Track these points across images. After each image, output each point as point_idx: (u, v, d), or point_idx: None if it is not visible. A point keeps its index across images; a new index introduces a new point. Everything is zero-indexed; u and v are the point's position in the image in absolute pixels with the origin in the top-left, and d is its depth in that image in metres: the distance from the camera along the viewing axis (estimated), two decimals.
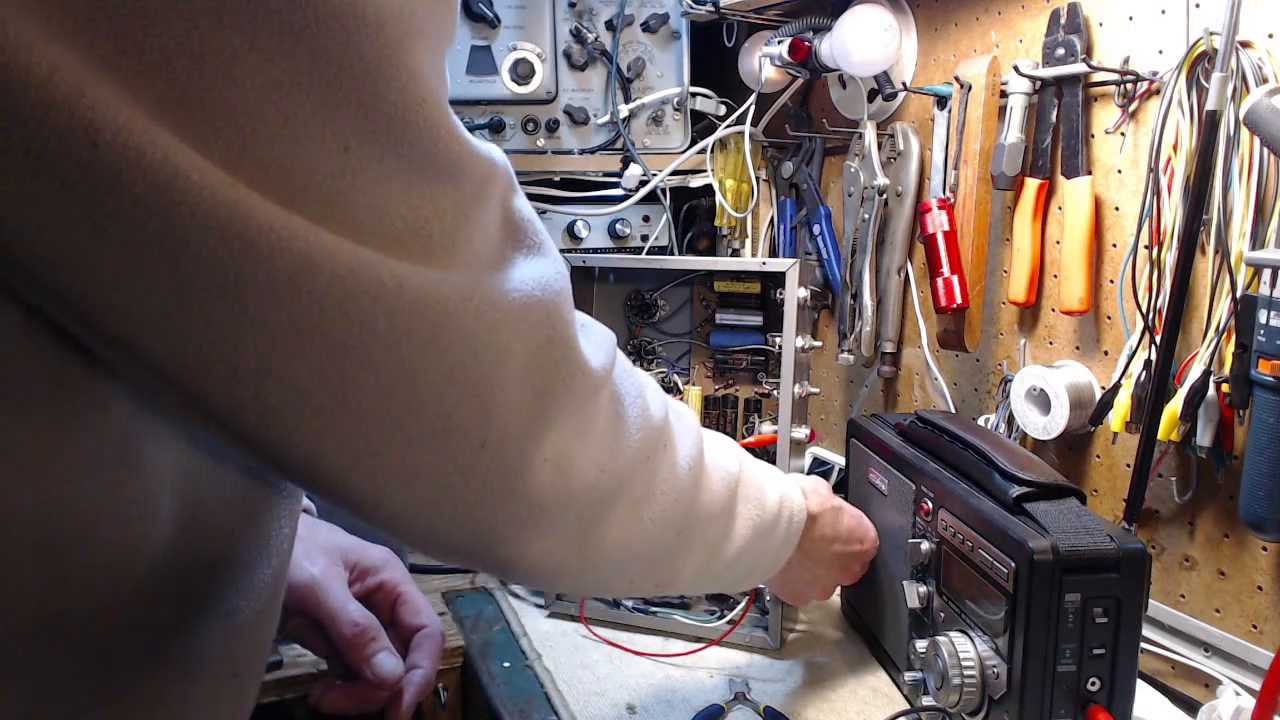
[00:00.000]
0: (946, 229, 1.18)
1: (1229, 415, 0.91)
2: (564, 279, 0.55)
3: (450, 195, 0.47)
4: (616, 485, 0.59)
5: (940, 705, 0.86)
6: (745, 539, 0.76)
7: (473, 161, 0.49)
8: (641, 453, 0.61)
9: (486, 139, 1.45)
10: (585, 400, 0.56)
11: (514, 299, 0.50)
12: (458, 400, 0.48)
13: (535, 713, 0.98)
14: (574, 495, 0.56)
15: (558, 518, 0.56)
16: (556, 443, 0.54)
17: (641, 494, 0.62)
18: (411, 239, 0.45)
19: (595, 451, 0.57)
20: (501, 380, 0.50)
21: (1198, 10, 0.94)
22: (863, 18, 1.25)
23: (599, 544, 0.60)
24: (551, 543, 0.57)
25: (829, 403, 1.56)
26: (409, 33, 0.43)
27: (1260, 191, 0.89)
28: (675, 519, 0.66)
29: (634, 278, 1.24)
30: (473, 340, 0.48)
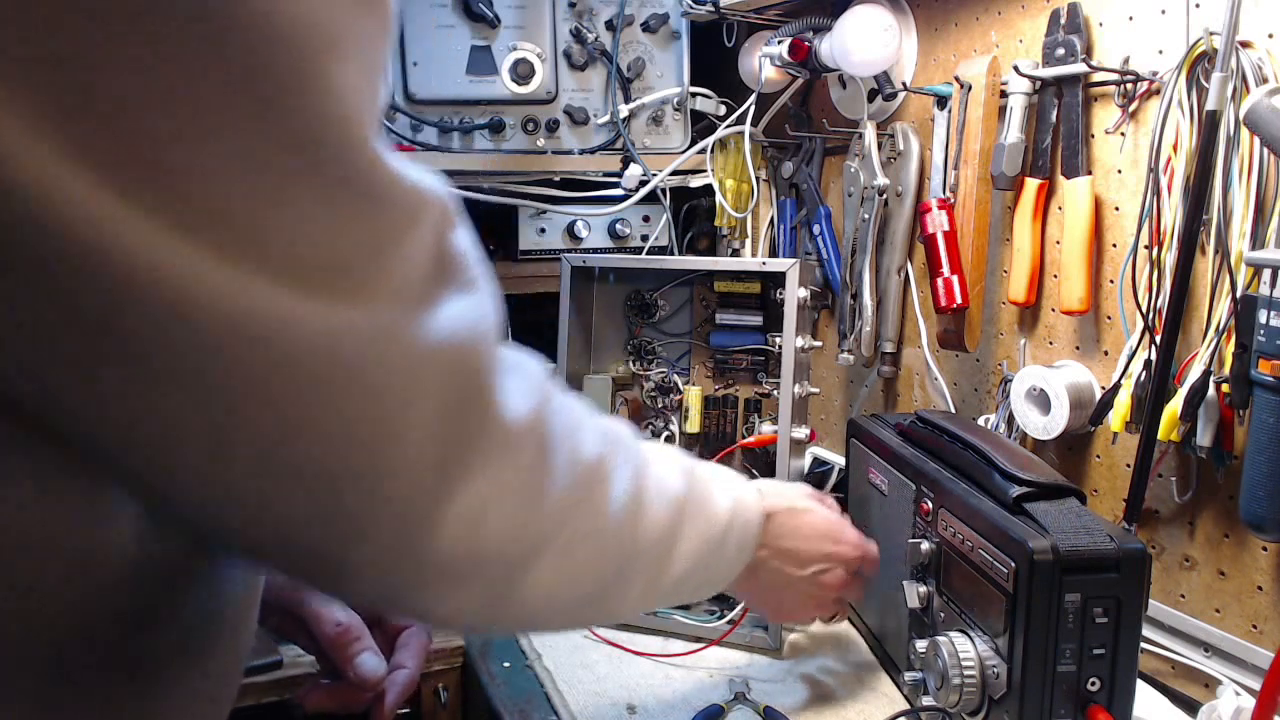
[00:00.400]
0: (946, 229, 1.18)
1: (1229, 415, 0.91)
2: (491, 322, 0.52)
3: (371, 225, 0.45)
4: (540, 538, 0.55)
5: (940, 705, 0.86)
6: (693, 558, 0.72)
7: (398, 190, 0.46)
8: (571, 498, 0.57)
9: (486, 139, 1.45)
10: (503, 454, 0.52)
11: (427, 346, 0.47)
12: (353, 455, 0.45)
13: (535, 713, 0.98)
14: (488, 554, 0.52)
15: (469, 576, 0.52)
16: (468, 501, 0.50)
17: (571, 540, 0.58)
18: (325, 269, 0.43)
19: (514, 506, 0.53)
20: (404, 435, 0.46)
21: (1198, 10, 0.94)
22: (863, 18, 1.25)
23: (522, 597, 0.57)
24: (463, 600, 0.53)
25: (829, 403, 1.56)
26: (326, 48, 0.41)
27: (1260, 191, 0.89)
28: (612, 557, 0.63)
29: (634, 278, 1.24)
30: (373, 392, 0.45)
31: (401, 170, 0.47)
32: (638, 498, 0.65)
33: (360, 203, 0.44)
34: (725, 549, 0.78)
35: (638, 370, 1.24)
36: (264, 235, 0.41)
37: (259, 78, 0.39)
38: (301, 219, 0.42)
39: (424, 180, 0.49)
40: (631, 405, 1.22)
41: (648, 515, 0.66)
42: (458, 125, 1.43)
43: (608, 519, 0.62)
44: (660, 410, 1.22)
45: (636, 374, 1.24)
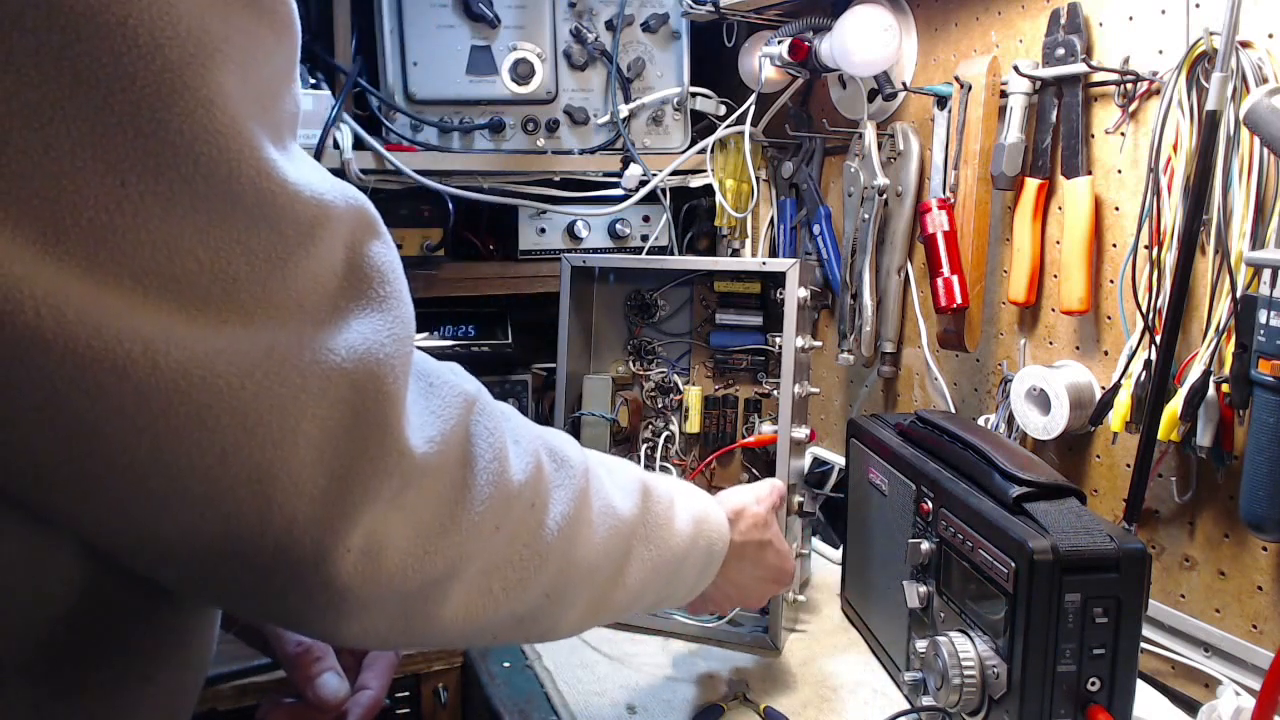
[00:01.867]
0: (946, 229, 1.18)
1: (1229, 415, 0.91)
2: (397, 342, 0.49)
3: (261, 239, 0.43)
4: (450, 565, 0.53)
5: (940, 705, 0.86)
6: (642, 582, 0.70)
7: (295, 202, 0.44)
8: (489, 523, 0.55)
9: (486, 139, 1.45)
10: (406, 483, 0.49)
11: (321, 369, 0.45)
12: (232, 486, 0.43)
13: (535, 713, 0.98)
14: (391, 582, 0.50)
15: (370, 603, 0.50)
16: (367, 531, 0.48)
17: (488, 568, 0.56)
18: (209, 285, 0.41)
19: (419, 535, 0.51)
20: (286, 464, 0.44)
21: (1198, 10, 0.94)
22: (863, 18, 1.25)
23: (433, 621, 0.54)
24: (371, 624, 0.51)
25: (829, 403, 1.56)
26: (201, 56, 0.39)
27: (1260, 191, 0.89)
28: (540, 583, 0.60)
29: (634, 278, 1.24)
30: (250, 420, 0.43)
31: (302, 181, 0.45)
32: (575, 523, 0.62)
33: (246, 216, 0.42)
34: (683, 573, 0.76)
35: (638, 370, 1.24)
36: (139, 250, 0.39)
37: (121, 89, 0.38)
38: (180, 234, 0.40)
39: (334, 190, 0.47)
40: (631, 405, 1.22)
41: (586, 541, 0.64)
42: (458, 125, 1.43)
43: (536, 544, 0.59)
44: (660, 410, 1.22)
45: (636, 374, 1.24)
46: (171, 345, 0.40)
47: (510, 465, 0.57)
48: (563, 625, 0.66)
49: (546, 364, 1.59)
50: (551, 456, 0.62)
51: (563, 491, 0.62)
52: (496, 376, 1.59)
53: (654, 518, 0.71)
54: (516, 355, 1.59)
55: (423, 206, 1.43)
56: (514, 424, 0.60)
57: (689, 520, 0.76)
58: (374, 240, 0.49)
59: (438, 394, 0.53)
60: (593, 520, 0.64)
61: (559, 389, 1.21)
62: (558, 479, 0.62)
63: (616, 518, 0.67)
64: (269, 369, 0.43)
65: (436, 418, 0.52)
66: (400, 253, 0.53)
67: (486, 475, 0.54)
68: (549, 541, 0.60)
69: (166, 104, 0.39)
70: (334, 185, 0.47)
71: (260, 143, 0.43)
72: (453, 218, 1.43)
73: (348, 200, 0.48)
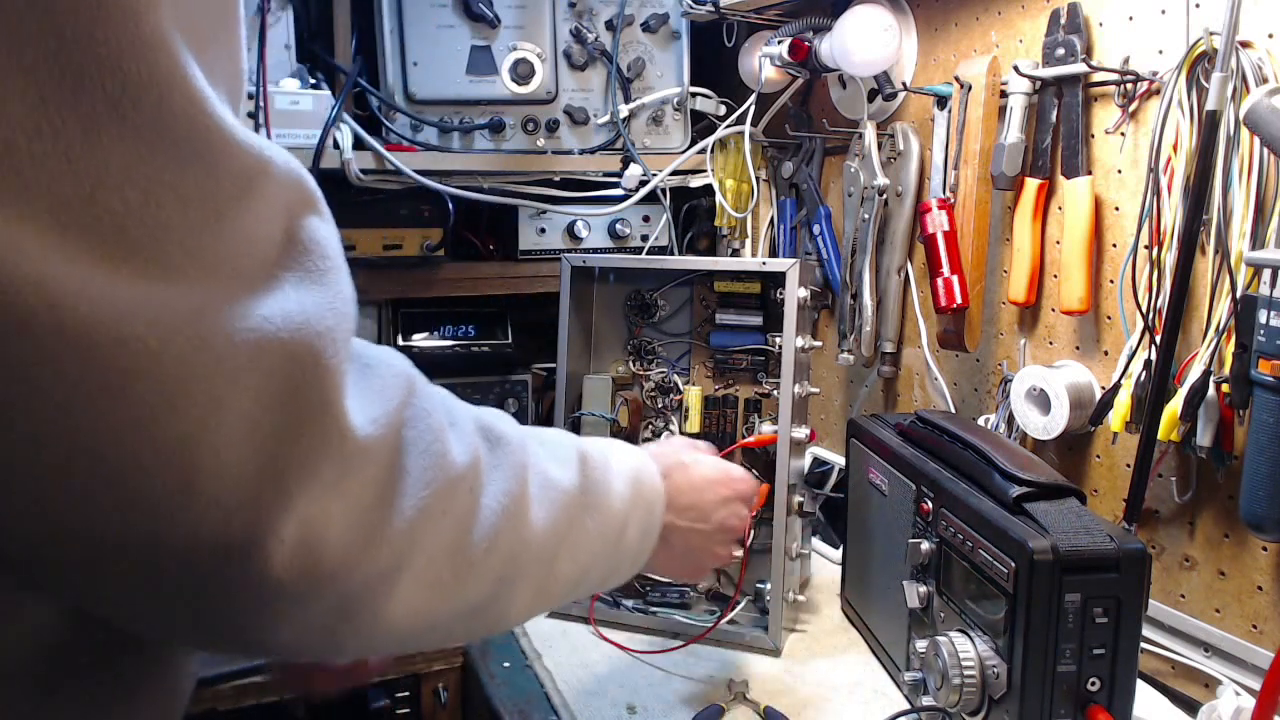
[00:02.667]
0: (946, 229, 1.18)
1: (1229, 415, 0.91)
2: (338, 316, 0.45)
3: (197, 183, 0.39)
4: (395, 557, 0.49)
5: (940, 705, 0.86)
6: (592, 553, 0.68)
7: (230, 146, 0.41)
8: (435, 509, 0.51)
9: (486, 139, 1.45)
10: (346, 467, 0.45)
11: (253, 335, 0.41)
12: (149, 465, 0.39)
13: (535, 713, 0.98)
14: (331, 576, 0.45)
15: (308, 602, 0.45)
16: (302, 519, 0.43)
17: (435, 555, 0.52)
18: (136, 231, 0.37)
19: (361, 525, 0.46)
20: (212, 441, 0.39)
21: (1198, 10, 0.94)
22: (863, 18, 1.25)
23: (381, 620, 0.50)
24: (305, 626, 0.47)
25: (829, 403, 1.56)
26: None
27: (1260, 191, 0.89)
28: (491, 566, 0.57)
29: (634, 278, 1.24)
30: (170, 389, 0.38)
31: (240, 130, 0.41)
32: (519, 501, 0.60)
33: (178, 155, 0.39)
34: (626, 538, 0.73)
35: (638, 370, 1.24)
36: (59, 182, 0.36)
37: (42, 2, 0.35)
38: (106, 166, 0.37)
39: (278, 155, 0.44)
40: (631, 405, 1.22)
41: (534, 518, 0.61)
42: (458, 125, 1.43)
43: (483, 526, 0.56)
44: (660, 410, 1.22)
45: (636, 374, 1.24)
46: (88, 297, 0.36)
47: (451, 448, 0.54)
48: (513, 612, 0.63)
49: (546, 364, 1.59)
50: (488, 436, 0.59)
51: (502, 471, 0.59)
52: (496, 376, 1.59)
53: (593, 484, 0.68)
54: (516, 355, 1.59)
55: (423, 206, 1.43)
56: (449, 405, 0.57)
57: (626, 481, 0.73)
58: (313, 214, 0.46)
59: (376, 374, 0.50)
60: (535, 495, 0.61)
61: (559, 389, 1.21)
62: (496, 458, 0.59)
63: (558, 490, 0.64)
64: (196, 333, 0.39)
65: (374, 398, 0.48)
66: (400, 253, 0.51)
67: (429, 458, 0.51)
68: (495, 523, 0.57)
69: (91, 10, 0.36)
70: (274, 147, 0.44)
71: (193, 72, 0.39)
72: (453, 218, 1.44)
73: (288, 165, 0.44)
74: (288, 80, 1.33)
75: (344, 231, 1.65)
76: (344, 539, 0.45)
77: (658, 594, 1.18)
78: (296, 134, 1.30)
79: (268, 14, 1.32)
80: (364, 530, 0.47)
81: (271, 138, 1.27)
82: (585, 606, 1.16)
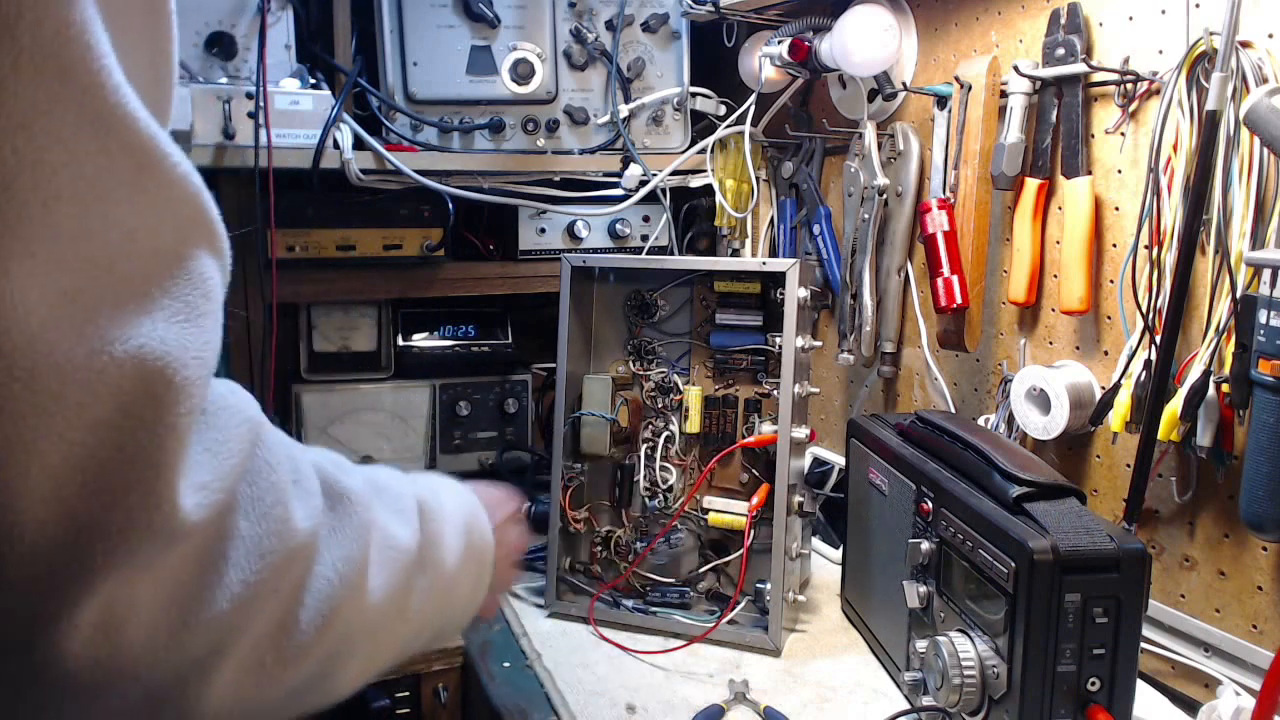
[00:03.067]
0: (946, 229, 1.18)
1: (1229, 415, 0.91)
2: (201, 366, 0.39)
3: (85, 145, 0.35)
4: (216, 641, 0.42)
5: (940, 705, 0.86)
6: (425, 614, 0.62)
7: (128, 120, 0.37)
8: (267, 585, 0.44)
9: (486, 139, 1.45)
10: (167, 544, 0.38)
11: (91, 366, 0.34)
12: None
13: (535, 713, 0.98)
14: (133, 667, 0.39)
15: (104, 694, 0.39)
16: (106, 601, 0.37)
17: (264, 635, 0.46)
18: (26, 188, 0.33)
19: (177, 605, 0.40)
20: (18, 487, 0.33)
21: (1198, 10, 0.94)
22: (863, 18, 1.25)
23: (194, 709, 0.43)
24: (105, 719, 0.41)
25: (829, 403, 1.56)
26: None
27: (1260, 191, 0.89)
28: (323, 645, 0.50)
29: (634, 278, 1.24)
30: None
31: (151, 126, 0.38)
32: (359, 570, 0.53)
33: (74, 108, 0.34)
34: (458, 595, 0.67)
35: (638, 370, 1.24)
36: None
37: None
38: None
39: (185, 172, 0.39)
40: (631, 405, 1.22)
41: (369, 589, 0.54)
42: (458, 125, 1.43)
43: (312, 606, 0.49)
44: (660, 410, 1.22)
45: (636, 374, 1.24)
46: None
47: (293, 512, 0.46)
48: (342, 685, 0.56)
49: (546, 364, 1.59)
50: (330, 492, 0.52)
51: (344, 535, 0.52)
52: (496, 376, 1.59)
53: (429, 540, 0.62)
54: (516, 355, 1.59)
55: (423, 206, 1.43)
56: (293, 456, 0.49)
57: (459, 532, 0.66)
58: (207, 249, 0.41)
59: (216, 424, 0.42)
60: (375, 559, 0.55)
61: (559, 389, 1.21)
62: (339, 519, 0.52)
63: (398, 550, 0.57)
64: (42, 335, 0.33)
65: (213, 456, 0.41)
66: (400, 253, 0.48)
67: (266, 525, 0.44)
68: (331, 595, 0.50)
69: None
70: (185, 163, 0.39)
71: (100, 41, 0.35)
72: (453, 218, 1.44)
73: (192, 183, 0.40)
74: (288, 80, 1.33)
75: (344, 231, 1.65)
76: (154, 623, 0.39)
77: (658, 594, 1.18)
78: (296, 134, 1.30)
79: (268, 14, 1.32)
80: (179, 613, 0.40)
81: (271, 138, 1.27)
82: (585, 607, 1.16)
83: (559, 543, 1.20)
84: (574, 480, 1.22)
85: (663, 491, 1.19)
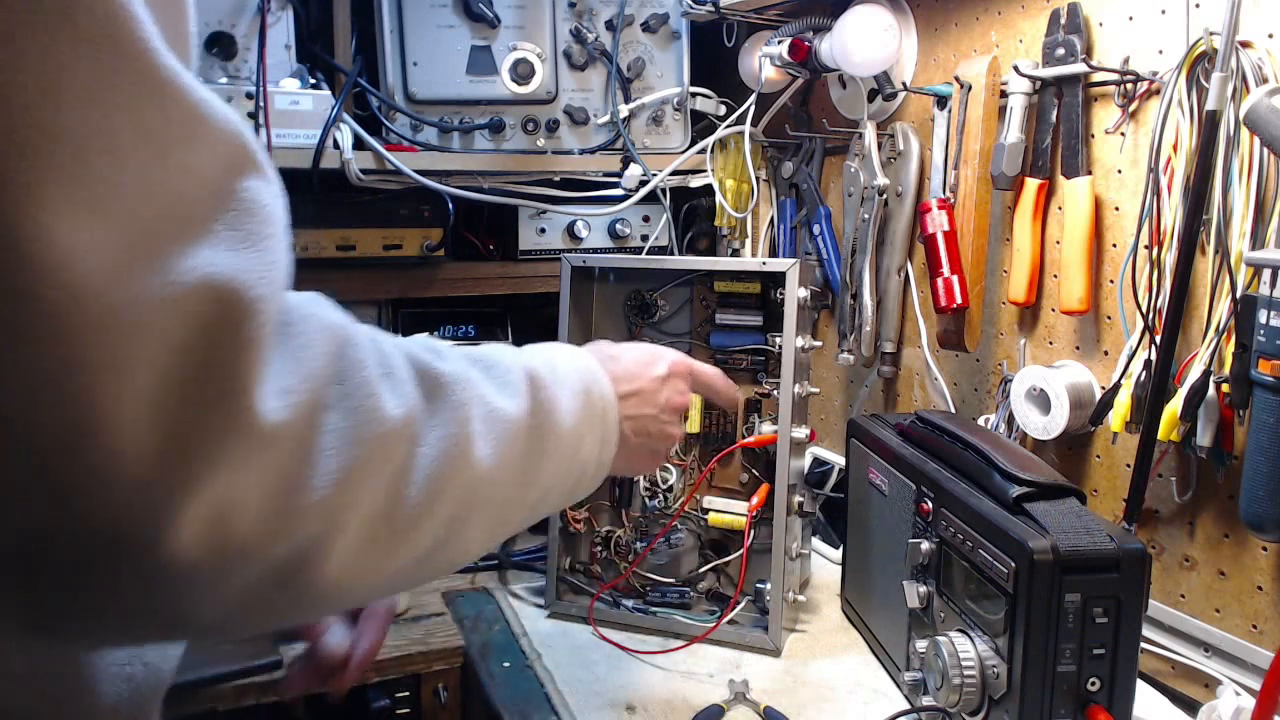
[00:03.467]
0: (946, 229, 1.18)
1: (1229, 415, 0.91)
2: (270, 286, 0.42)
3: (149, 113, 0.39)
4: (326, 521, 0.46)
5: (940, 705, 0.86)
6: (549, 474, 0.65)
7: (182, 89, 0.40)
8: (367, 469, 0.48)
9: (486, 139, 1.45)
10: (262, 444, 0.42)
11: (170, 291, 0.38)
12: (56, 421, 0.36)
13: (535, 713, 0.98)
14: (250, 550, 0.43)
15: (230, 576, 0.43)
16: (210, 501, 0.40)
17: (375, 512, 0.49)
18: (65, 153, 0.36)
19: (282, 493, 0.43)
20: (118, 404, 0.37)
21: (1198, 10, 0.94)
22: (863, 18, 1.25)
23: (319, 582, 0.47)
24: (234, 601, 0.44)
25: (829, 403, 1.56)
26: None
27: (1260, 191, 0.89)
28: (436, 514, 0.54)
29: (634, 278, 1.24)
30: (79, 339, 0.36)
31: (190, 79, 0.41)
32: (461, 444, 0.56)
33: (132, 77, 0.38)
34: (583, 454, 0.71)
35: None
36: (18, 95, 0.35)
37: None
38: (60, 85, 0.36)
39: (219, 107, 0.42)
40: None
41: (475, 458, 0.57)
42: (458, 125, 1.43)
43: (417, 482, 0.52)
44: None
45: None
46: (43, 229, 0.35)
47: (384, 402, 0.50)
48: (472, 547, 0.60)
49: None
50: (425, 379, 0.55)
51: (442, 416, 0.55)
52: None
53: (541, 406, 0.65)
54: None
55: (423, 206, 1.43)
56: (383, 351, 0.53)
57: (575, 393, 0.70)
58: (256, 175, 0.44)
59: (296, 334, 0.45)
60: (479, 432, 0.58)
61: None
62: (435, 405, 0.55)
63: (505, 420, 0.60)
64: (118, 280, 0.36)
65: (296, 363, 0.44)
66: (400, 253, 0.50)
67: (359, 416, 0.48)
68: (435, 470, 0.53)
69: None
70: (215, 99, 0.42)
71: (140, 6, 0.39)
72: (453, 218, 1.44)
73: (228, 119, 0.43)
74: (288, 80, 1.33)
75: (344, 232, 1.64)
76: (263, 511, 0.42)
77: (658, 594, 1.18)
78: (296, 134, 1.30)
79: (268, 14, 1.32)
80: (285, 500, 0.44)
81: (271, 138, 1.27)
82: (585, 607, 1.16)
83: (559, 543, 1.20)
84: None
85: (663, 491, 1.19)
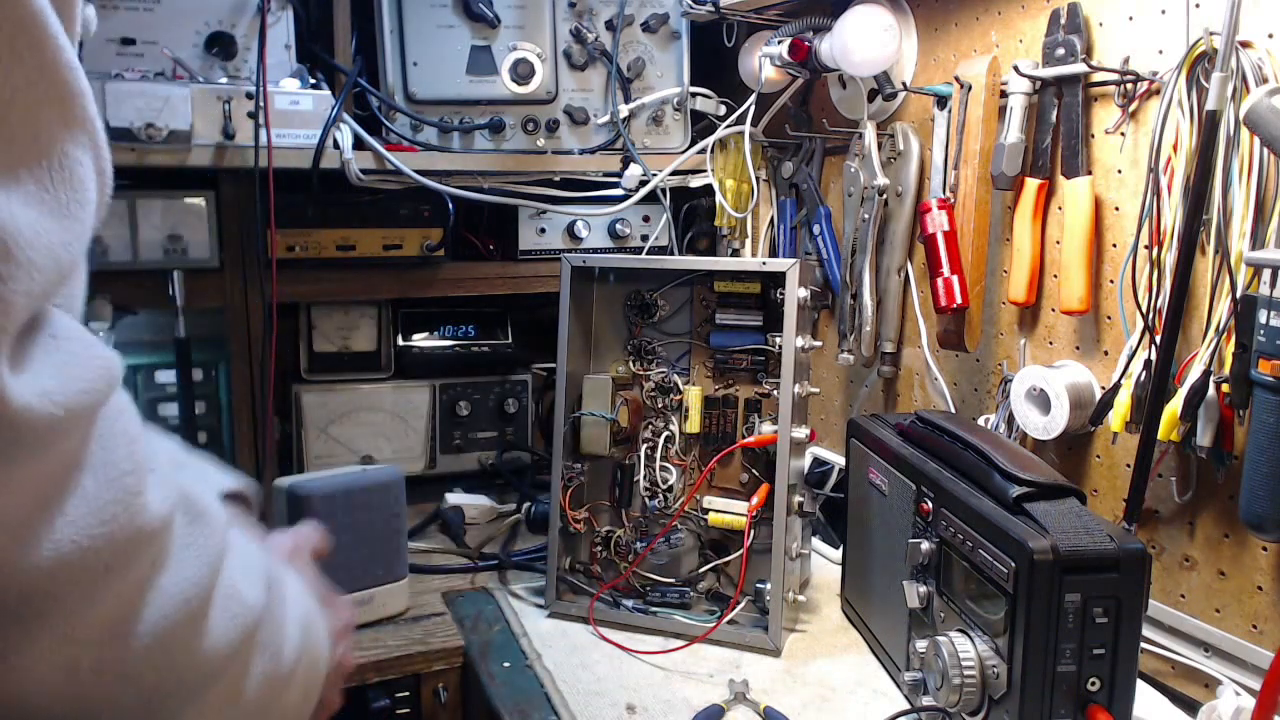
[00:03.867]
0: (946, 229, 1.18)
1: (1229, 415, 0.91)
2: (46, 254, 0.36)
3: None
4: (25, 597, 0.38)
5: (940, 705, 0.86)
6: (257, 699, 0.52)
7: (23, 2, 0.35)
8: (101, 558, 0.39)
9: (486, 139, 1.45)
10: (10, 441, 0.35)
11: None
12: None
13: (535, 713, 0.98)
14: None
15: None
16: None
17: (81, 629, 0.40)
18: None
19: (16, 509, 0.36)
20: None
21: (1198, 10, 0.94)
22: (863, 18, 1.25)
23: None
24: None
25: (829, 403, 1.56)
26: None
27: (1260, 191, 0.89)
28: (151, 672, 0.44)
29: (634, 278, 1.24)
30: None
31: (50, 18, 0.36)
32: (203, 603, 0.46)
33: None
34: (288, 698, 0.56)
35: (638, 370, 1.24)
36: None
37: None
38: None
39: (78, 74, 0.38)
40: (631, 405, 1.22)
41: (209, 630, 0.47)
42: (458, 125, 1.43)
43: (150, 617, 0.43)
44: (660, 410, 1.22)
45: (636, 374, 1.24)
46: None
47: (148, 492, 0.41)
48: None
49: (546, 364, 1.59)
50: (188, 503, 0.46)
51: (195, 553, 0.45)
52: (496, 376, 1.59)
53: (273, 617, 0.53)
54: (516, 355, 1.59)
55: (423, 206, 1.43)
56: (154, 444, 0.44)
57: (298, 624, 0.56)
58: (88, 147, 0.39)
59: (66, 349, 0.38)
60: (219, 604, 0.47)
61: (559, 389, 1.21)
62: (193, 535, 0.45)
63: (242, 605, 0.49)
64: None
65: (58, 372, 0.37)
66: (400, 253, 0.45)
67: (114, 493, 0.39)
68: (172, 617, 0.43)
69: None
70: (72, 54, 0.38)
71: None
72: (453, 218, 1.44)
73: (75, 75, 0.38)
74: (288, 80, 1.33)
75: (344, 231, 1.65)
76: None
77: (658, 594, 1.18)
78: (296, 134, 1.30)
79: (268, 14, 1.32)
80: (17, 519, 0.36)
81: (271, 138, 1.27)
82: (585, 607, 1.16)
83: (559, 543, 1.20)
84: (574, 480, 1.22)
85: (663, 491, 1.19)
